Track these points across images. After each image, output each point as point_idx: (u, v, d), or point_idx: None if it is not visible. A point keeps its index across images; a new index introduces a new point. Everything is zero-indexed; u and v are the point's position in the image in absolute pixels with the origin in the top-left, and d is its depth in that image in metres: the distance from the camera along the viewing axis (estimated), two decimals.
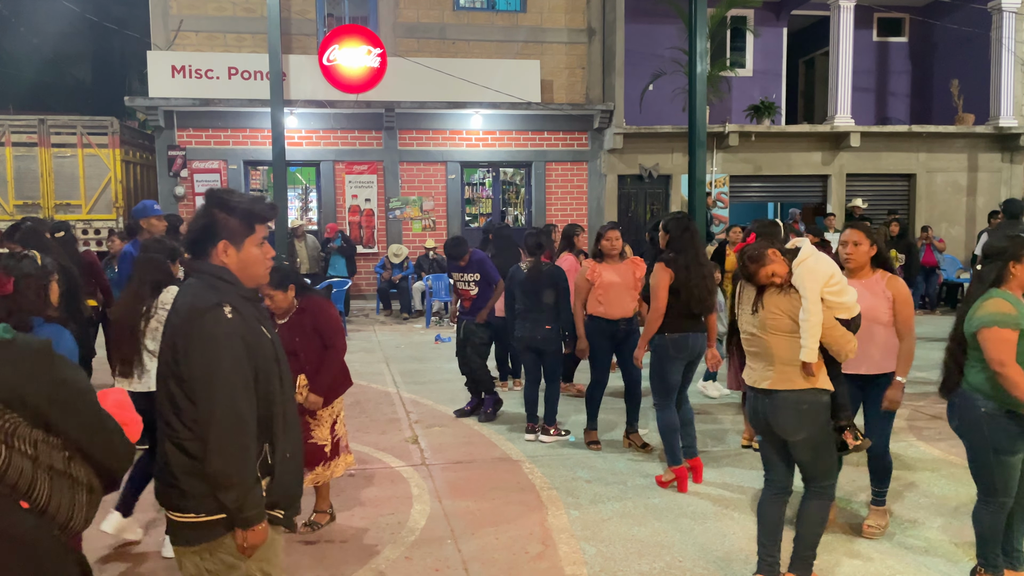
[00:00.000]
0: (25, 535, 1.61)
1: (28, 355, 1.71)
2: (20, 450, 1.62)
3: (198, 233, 2.35)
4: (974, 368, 3.57)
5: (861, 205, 14.62)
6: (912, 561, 4.10)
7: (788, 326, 3.53)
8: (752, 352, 3.69)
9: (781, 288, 3.57)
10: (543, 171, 15.03)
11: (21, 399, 1.65)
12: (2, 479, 1.59)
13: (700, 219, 11.47)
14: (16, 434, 1.63)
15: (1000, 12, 15.12)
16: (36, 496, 1.63)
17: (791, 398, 3.55)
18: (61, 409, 1.70)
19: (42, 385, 1.69)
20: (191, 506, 2.24)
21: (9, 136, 12.79)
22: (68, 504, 1.68)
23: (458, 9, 14.67)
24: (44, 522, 1.64)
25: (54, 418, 1.69)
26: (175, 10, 13.70)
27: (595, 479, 5.35)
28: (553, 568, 4.04)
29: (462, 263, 6.82)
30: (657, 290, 5.02)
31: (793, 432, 3.59)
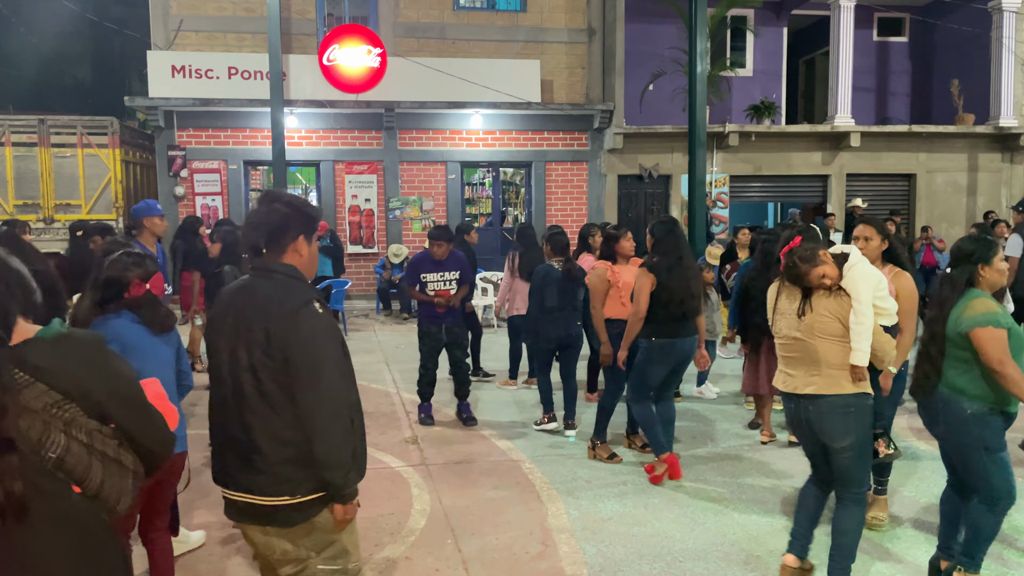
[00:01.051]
0: (78, 517, 1.72)
1: (85, 348, 1.80)
2: (77, 438, 1.72)
3: (275, 231, 2.48)
4: (956, 370, 3.52)
5: (861, 205, 14.62)
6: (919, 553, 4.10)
7: (838, 330, 3.49)
8: (792, 357, 3.63)
9: (830, 291, 3.52)
10: (543, 171, 15.03)
11: (81, 390, 1.74)
12: (60, 466, 1.69)
13: (700, 219, 11.48)
14: (74, 423, 1.72)
15: (1000, 12, 15.12)
16: (89, 482, 1.73)
17: (838, 403, 3.51)
18: (116, 400, 1.81)
19: (99, 377, 1.78)
20: (287, 489, 2.41)
21: (9, 136, 12.78)
22: (117, 489, 1.79)
23: (458, 9, 14.67)
24: (94, 506, 1.75)
25: (109, 408, 1.79)
26: (175, 10, 13.70)
27: (595, 479, 5.35)
28: (553, 568, 4.04)
29: (442, 257, 6.73)
30: (639, 294, 5.10)
31: (840, 438, 3.55)
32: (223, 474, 2.53)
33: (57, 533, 1.69)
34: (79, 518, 1.73)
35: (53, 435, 1.69)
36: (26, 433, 1.65)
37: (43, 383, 1.69)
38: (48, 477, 1.68)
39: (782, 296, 3.70)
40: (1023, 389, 3.36)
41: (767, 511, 4.78)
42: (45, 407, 1.69)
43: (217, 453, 2.55)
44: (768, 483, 5.27)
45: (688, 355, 5.29)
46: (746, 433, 6.41)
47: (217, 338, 2.51)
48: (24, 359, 1.69)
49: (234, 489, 2.49)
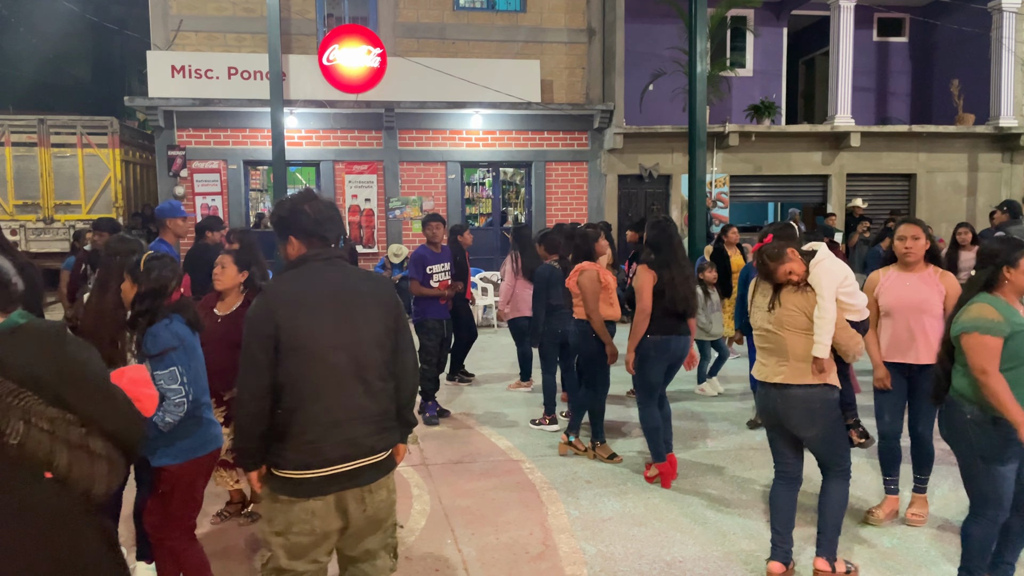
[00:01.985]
0: (47, 502, 1.79)
1: (39, 337, 1.85)
2: (37, 426, 1.77)
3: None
4: (958, 372, 3.47)
5: (861, 205, 14.61)
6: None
7: (803, 323, 3.68)
8: (765, 348, 3.84)
9: (798, 287, 3.72)
10: (543, 171, 15.03)
11: (35, 378, 1.79)
12: (23, 452, 1.74)
13: (700, 219, 11.47)
14: (32, 411, 1.77)
15: (1000, 12, 15.11)
16: (56, 467, 1.80)
17: (801, 394, 3.70)
18: (70, 387, 1.85)
19: (52, 365, 1.83)
20: (395, 439, 2.77)
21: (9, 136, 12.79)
22: (87, 474, 1.85)
23: (458, 9, 14.66)
24: (65, 490, 1.82)
25: (66, 395, 1.84)
26: (175, 10, 13.69)
27: (595, 479, 5.35)
28: (553, 568, 4.03)
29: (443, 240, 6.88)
30: (642, 291, 5.12)
31: (805, 428, 3.75)
32: (347, 446, 2.61)
33: (22, 520, 1.75)
34: (49, 503, 1.79)
35: (12, 423, 1.73)
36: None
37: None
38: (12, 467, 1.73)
39: (757, 291, 3.91)
40: (1002, 402, 3.25)
41: (767, 511, 4.77)
42: (3, 396, 1.74)
43: (335, 429, 2.59)
44: (768, 483, 5.26)
45: (683, 353, 5.31)
46: (746, 433, 6.41)
47: (320, 322, 2.58)
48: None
49: (360, 456, 2.63)
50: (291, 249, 2.69)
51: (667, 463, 5.27)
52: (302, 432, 2.57)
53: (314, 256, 2.65)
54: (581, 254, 5.75)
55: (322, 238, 2.67)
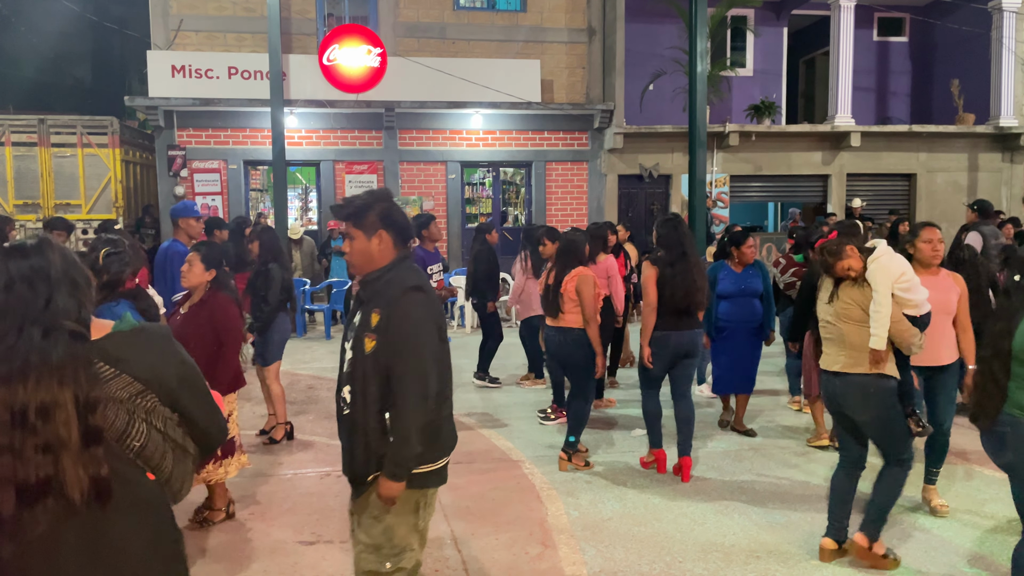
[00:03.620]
0: (152, 501, 1.82)
1: (158, 339, 1.88)
2: (155, 427, 1.81)
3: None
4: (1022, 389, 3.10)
5: (861, 205, 14.61)
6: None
7: (859, 316, 3.91)
8: (827, 338, 4.09)
9: (856, 281, 3.96)
10: (543, 171, 15.03)
11: (158, 380, 1.82)
12: (140, 453, 1.78)
13: (700, 219, 11.47)
14: (153, 412, 1.81)
15: (1000, 12, 15.11)
16: (163, 469, 1.83)
17: (858, 381, 3.91)
18: (186, 388, 1.89)
19: (172, 366, 1.87)
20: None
21: (9, 136, 12.78)
22: (182, 475, 1.89)
23: (458, 9, 14.66)
24: (163, 491, 1.86)
25: (180, 396, 1.87)
26: (175, 10, 13.69)
27: (595, 479, 5.35)
28: (553, 568, 4.04)
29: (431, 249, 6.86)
30: (646, 286, 5.22)
31: (860, 412, 3.95)
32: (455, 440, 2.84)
33: (135, 517, 1.78)
34: (153, 502, 1.83)
35: (137, 424, 1.77)
36: (112, 423, 1.73)
37: (126, 374, 1.77)
38: (128, 465, 1.77)
39: (823, 285, 4.17)
40: None
41: (767, 511, 4.77)
42: (130, 397, 1.77)
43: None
44: (768, 483, 5.27)
45: (689, 348, 5.29)
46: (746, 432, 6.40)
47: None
48: (107, 352, 1.76)
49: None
50: (377, 242, 2.68)
51: (662, 451, 5.44)
52: (449, 418, 2.76)
53: (408, 255, 2.77)
54: (573, 259, 5.49)
55: (408, 239, 2.77)
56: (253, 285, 6.19)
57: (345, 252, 2.76)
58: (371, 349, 2.58)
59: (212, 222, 7.85)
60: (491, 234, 8.41)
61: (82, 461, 1.66)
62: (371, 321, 2.60)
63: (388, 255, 2.69)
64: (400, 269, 2.70)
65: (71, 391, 1.66)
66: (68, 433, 1.65)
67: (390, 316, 2.57)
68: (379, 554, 2.66)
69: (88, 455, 1.67)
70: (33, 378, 1.64)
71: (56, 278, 1.75)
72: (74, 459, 1.65)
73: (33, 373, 1.65)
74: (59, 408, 1.64)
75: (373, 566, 2.67)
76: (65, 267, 1.78)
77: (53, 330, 1.70)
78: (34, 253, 1.75)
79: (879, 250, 3.96)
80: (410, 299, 2.60)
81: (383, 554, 2.66)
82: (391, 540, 2.66)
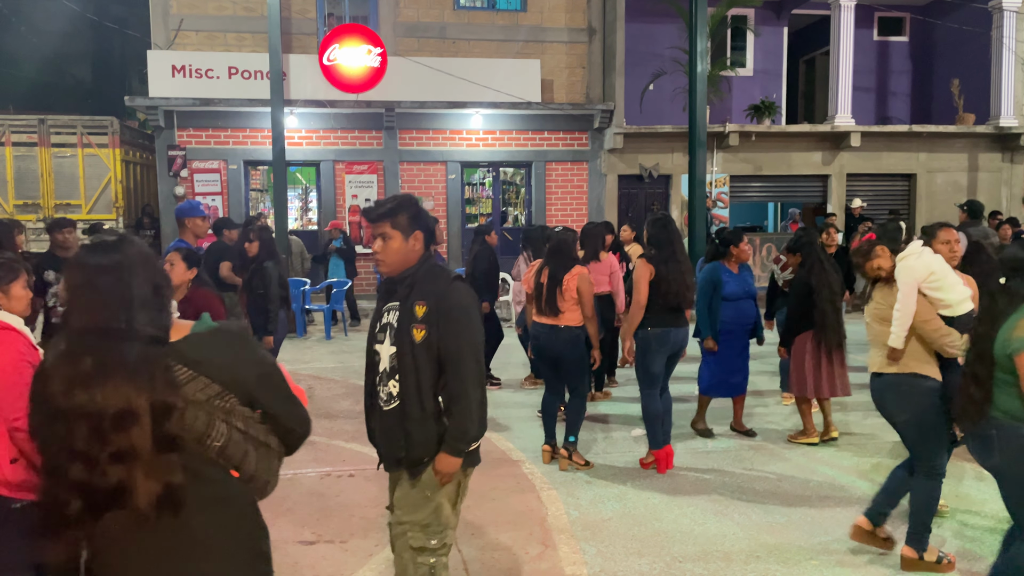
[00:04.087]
0: (236, 498, 1.86)
1: (235, 340, 1.89)
2: (236, 427, 1.82)
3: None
4: (1009, 393, 3.11)
5: (861, 205, 14.60)
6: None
7: (888, 316, 3.97)
8: (870, 339, 4.18)
9: (887, 282, 4.04)
10: (543, 171, 15.03)
11: (236, 380, 1.83)
12: (222, 453, 1.80)
13: (700, 219, 11.47)
14: (233, 412, 1.82)
15: (1000, 12, 15.11)
16: (246, 466, 1.86)
17: (891, 380, 3.96)
18: (264, 386, 1.90)
19: (250, 366, 1.87)
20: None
21: (9, 136, 12.78)
22: (266, 472, 1.91)
23: (458, 8, 14.66)
24: (248, 488, 1.89)
25: (259, 394, 1.88)
26: (175, 9, 13.69)
27: (595, 479, 5.35)
28: (553, 568, 4.04)
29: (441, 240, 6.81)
30: (639, 284, 5.29)
31: (896, 413, 3.96)
32: None
33: (218, 514, 1.82)
34: (237, 499, 1.87)
35: (216, 425, 1.78)
36: (192, 424, 1.74)
37: (204, 376, 1.77)
38: (211, 464, 1.79)
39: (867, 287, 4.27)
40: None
41: (767, 511, 4.77)
42: (208, 399, 1.77)
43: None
44: (768, 483, 5.27)
45: (682, 345, 5.46)
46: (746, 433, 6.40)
47: None
48: (184, 355, 1.77)
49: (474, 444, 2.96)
50: (413, 242, 2.83)
51: (663, 451, 5.46)
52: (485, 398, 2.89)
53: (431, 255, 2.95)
54: (569, 259, 5.51)
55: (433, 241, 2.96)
56: (250, 284, 6.20)
57: (376, 252, 2.86)
58: (421, 338, 2.74)
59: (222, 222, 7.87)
60: (490, 235, 8.38)
61: (155, 468, 1.67)
62: (416, 313, 2.76)
63: (419, 254, 2.86)
64: (431, 265, 2.89)
65: (147, 397, 1.66)
66: (142, 441, 1.66)
67: (439, 305, 2.75)
68: (427, 531, 2.83)
69: (162, 462, 1.68)
70: (110, 383, 1.65)
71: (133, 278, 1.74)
72: (146, 467, 1.67)
73: (110, 378, 1.65)
74: (133, 415, 1.65)
75: (421, 543, 2.83)
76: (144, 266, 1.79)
77: (130, 333, 1.70)
78: (112, 252, 1.76)
79: (908, 250, 4.01)
80: (456, 287, 2.82)
81: (431, 531, 2.84)
82: (439, 518, 2.86)
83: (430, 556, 2.83)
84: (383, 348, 2.87)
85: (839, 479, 5.33)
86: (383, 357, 2.87)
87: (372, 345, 2.94)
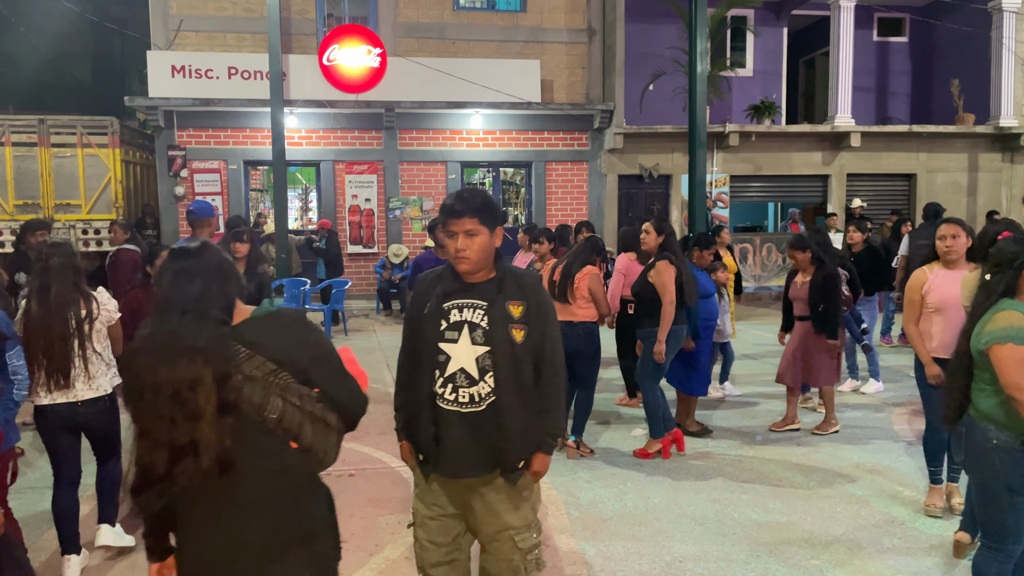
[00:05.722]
0: (294, 467, 2.08)
1: (289, 323, 2.12)
2: (291, 402, 2.03)
3: None
4: (983, 392, 3.10)
5: (861, 205, 14.60)
6: None
7: None
8: None
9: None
10: (543, 171, 15.03)
11: (290, 358, 2.05)
12: (279, 425, 2.01)
13: (700, 219, 11.46)
14: (288, 389, 2.03)
15: (1000, 12, 15.11)
16: (303, 438, 2.06)
17: None
18: (317, 366, 2.12)
19: (302, 347, 2.10)
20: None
21: (9, 136, 12.77)
22: (323, 444, 2.11)
23: (458, 9, 14.66)
24: (305, 459, 2.09)
25: (312, 373, 2.10)
26: (175, 10, 13.69)
27: (595, 479, 5.35)
28: (554, 568, 4.03)
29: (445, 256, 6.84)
30: (668, 285, 5.52)
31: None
32: None
33: (276, 481, 2.05)
34: (295, 468, 2.08)
35: (272, 400, 2.01)
36: (250, 399, 1.98)
37: (260, 355, 2.01)
38: (268, 435, 2.02)
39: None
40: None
41: (767, 511, 4.77)
42: (264, 376, 2.01)
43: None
44: (769, 483, 5.27)
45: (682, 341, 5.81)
46: (746, 434, 6.41)
47: None
48: (243, 336, 2.03)
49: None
50: (496, 239, 2.73)
51: (667, 439, 5.75)
52: None
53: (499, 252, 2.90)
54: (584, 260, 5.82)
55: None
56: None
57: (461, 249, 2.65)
58: (522, 338, 2.69)
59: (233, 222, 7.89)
60: None
61: (218, 430, 1.93)
62: (513, 313, 2.70)
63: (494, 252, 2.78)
64: (510, 264, 2.86)
65: (212, 369, 1.93)
66: (209, 405, 1.92)
67: (535, 304, 2.74)
68: (532, 529, 2.84)
69: (222, 423, 1.94)
70: (185, 358, 1.92)
71: (209, 274, 2.04)
72: (212, 428, 1.92)
73: (185, 354, 1.93)
74: (202, 384, 1.91)
75: (532, 542, 2.81)
76: (218, 265, 2.08)
77: (202, 317, 1.99)
78: (193, 254, 2.07)
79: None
80: (542, 287, 2.84)
81: (534, 527, 2.85)
82: (535, 514, 2.88)
83: (536, 549, 2.83)
84: (459, 348, 2.66)
85: (840, 478, 5.33)
86: (459, 357, 2.65)
87: (435, 344, 2.68)
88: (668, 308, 5.51)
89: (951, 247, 4.47)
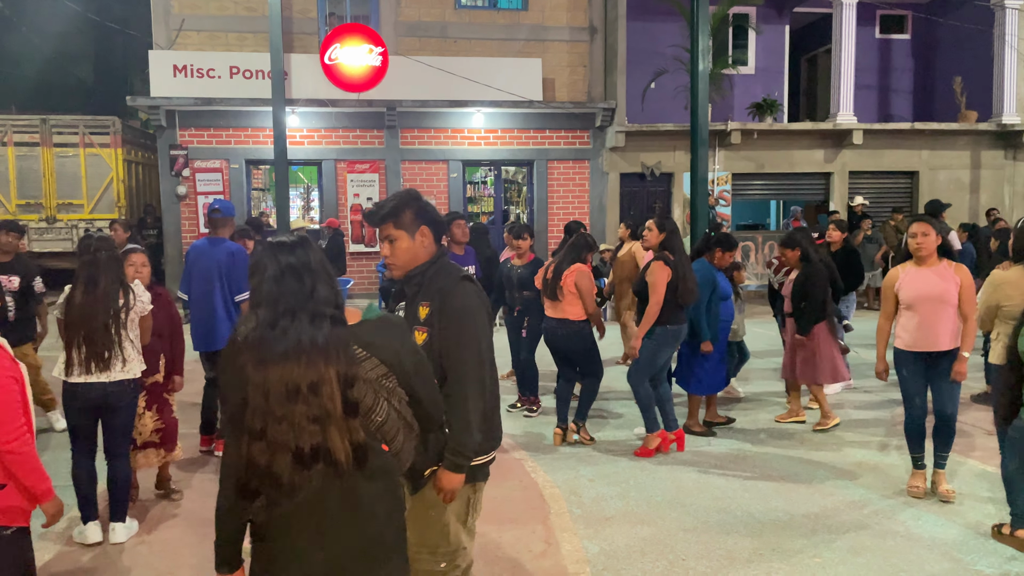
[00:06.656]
0: (389, 469, 2.06)
1: (399, 328, 2.14)
2: (394, 406, 2.04)
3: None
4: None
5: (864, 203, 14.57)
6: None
7: None
8: None
9: None
10: (545, 169, 15.02)
11: (398, 363, 2.05)
12: (380, 428, 2.01)
13: (702, 218, 11.46)
14: (394, 393, 2.04)
15: (1003, 9, 15.07)
16: (396, 443, 2.06)
17: None
18: (420, 372, 2.12)
19: (409, 353, 2.10)
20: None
21: (11, 136, 12.80)
22: (409, 450, 2.13)
23: (460, 8, 14.65)
24: (395, 462, 2.09)
25: (414, 379, 2.09)
26: (177, 9, 13.70)
27: (598, 477, 5.35)
28: (556, 566, 4.04)
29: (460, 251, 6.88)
30: (658, 286, 5.52)
31: None
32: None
33: (379, 481, 2.03)
34: (391, 471, 2.08)
35: (380, 402, 2.01)
36: (363, 399, 1.97)
37: (375, 357, 2.00)
38: (371, 437, 2.00)
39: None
40: None
41: (771, 509, 4.77)
42: (377, 378, 2.01)
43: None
44: (772, 482, 5.26)
45: (682, 340, 5.84)
46: (748, 432, 6.40)
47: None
48: (360, 337, 2.01)
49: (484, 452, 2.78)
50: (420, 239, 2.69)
51: (664, 431, 5.80)
52: (497, 409, 2.77)
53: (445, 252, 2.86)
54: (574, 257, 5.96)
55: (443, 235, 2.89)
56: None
57: (385, 256, 2.73)
58: (423, 342, 2.57)
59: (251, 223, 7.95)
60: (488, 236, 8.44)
61: (344, 430, 1.90)
62: (419, 314, 2.64)
63: (430, 251, 2.72)
64: (442, 263, 2.75)
65: (335, 369, 1.90)
66: (333, 405, 1.89)
67: (442, 306, 2.60)
68: (435, 555, 2.64)
69: (348, 424, 1.91)
70: (305, 358, 1.88)
71: (316, 270, 1.99)
72: (339, 428, 1.90)
73: (304, 354, 1.88)
74: (325, 384, 1.88)
75: (429, 566, 2.64)
76: (321, 261, 2.03)
77: (318, 316, 1.94)
78: (298, 248, 2.00)
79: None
80: (463, 288, 2.65)
81: (439, 554, 2.64)
82: (447, 539, 2.64)
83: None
84: None
85: (843, 477, 5.33)
86: None
87: None
88: (652, 308, 5.53)
89: (921, 244, 4.60)
